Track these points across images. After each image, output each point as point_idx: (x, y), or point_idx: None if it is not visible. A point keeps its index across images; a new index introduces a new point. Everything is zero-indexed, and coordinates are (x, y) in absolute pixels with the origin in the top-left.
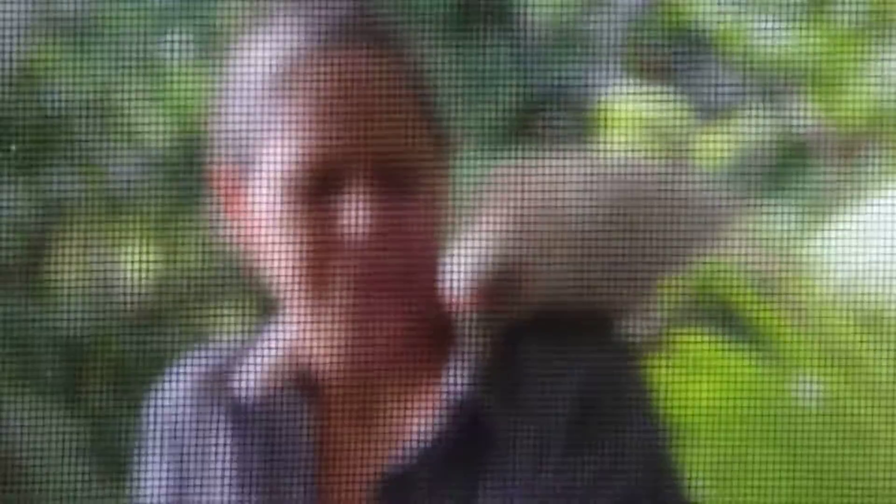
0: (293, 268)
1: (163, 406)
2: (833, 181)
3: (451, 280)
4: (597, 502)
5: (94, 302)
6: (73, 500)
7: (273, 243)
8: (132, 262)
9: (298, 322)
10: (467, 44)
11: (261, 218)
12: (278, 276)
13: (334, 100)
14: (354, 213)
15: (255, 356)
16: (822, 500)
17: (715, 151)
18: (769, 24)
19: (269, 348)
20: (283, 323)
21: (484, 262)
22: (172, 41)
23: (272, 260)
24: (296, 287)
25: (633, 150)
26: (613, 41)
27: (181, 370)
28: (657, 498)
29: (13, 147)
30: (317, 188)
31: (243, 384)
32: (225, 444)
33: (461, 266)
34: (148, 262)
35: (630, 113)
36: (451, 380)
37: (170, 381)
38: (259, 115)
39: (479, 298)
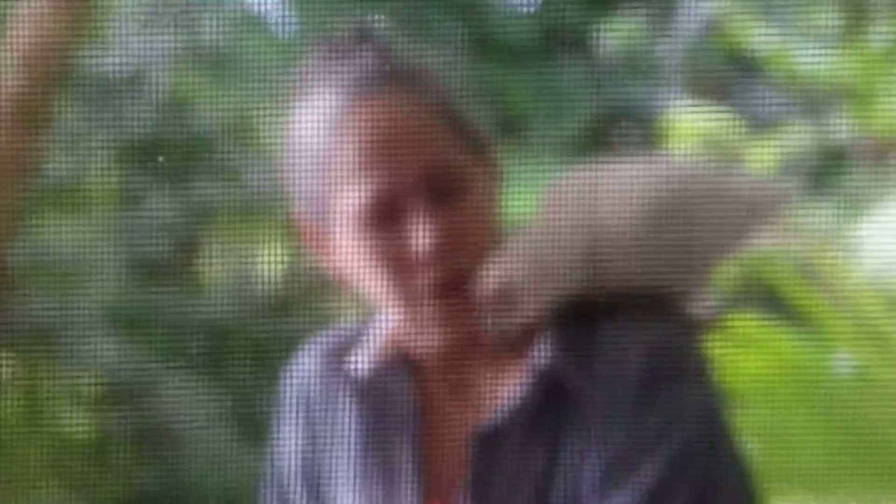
0: (382, 283)
1: (293, 380)
2: (867, 182)
3: (477, 285)
4: (660, 457)
5: (235, 292)
6: (218, 462)
7: (361, 268)
8: (266, 258)
9: (395, 317)
10: (549, 67)
11: (346, 251)
12: (371, 292)
13: (381, 142)
14: (419, 231)
15: (366, 338)
16: (855, 457)
17: (764, 159)
18: (811, 47)
19: (378, 332)
20: (386, 313)
21: (492, 276)
22: (298, 70)
23: (363, 281)
24: (387, 297)
25: (692, 159)
26: (675, 64)
27: (308, 350)
28: (713, 453)
29: (161, 158)
30: (384, 218)
31: (358, 361)
32: (344, 412)
33: (485, 273)
34: (279, 258)
35: (690, 127)
36: (534, 353)
37: (299, 359)
38: (322, 169)
39: (486, 306)
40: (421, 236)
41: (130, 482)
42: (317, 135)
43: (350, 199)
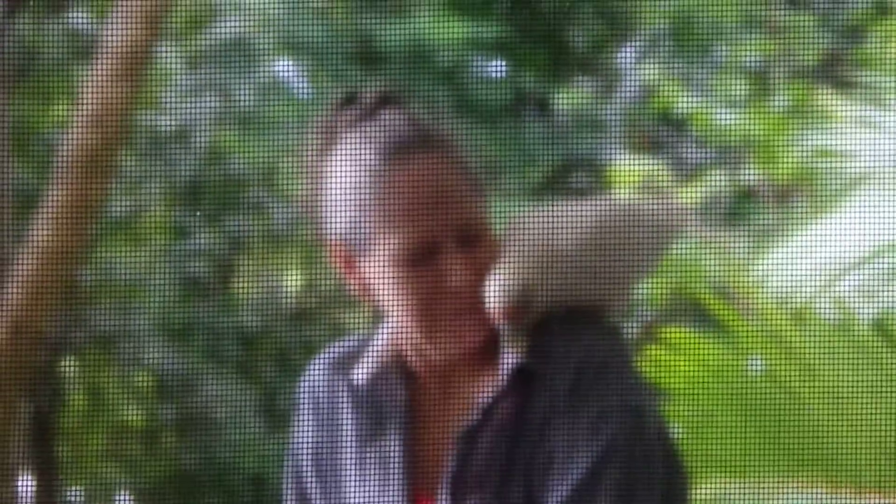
0: (406, 312)
1: (306, 386)
2: (772, 218)
3: (490, 301)
4: (591, 447)
5: (263, 307)
6: (247, 448)
7: (389, 296)
8: (289, 280)
9: (402, 333)
10: (518, 125)
11: (376, 280)
12: (391, 313)
13: (419, 197)
14: (450, 269)
15: (368, 349)
16: (765, 443)
17: (689, 199)
18: (725, 109)
19: (378, 344)
20: (387, 328)
21: (510, 289)
22: (322, 122)
23: (388, 304)
24: (406, 318)
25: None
26: (617, 123)
27: (318, 360)
28: (643, 442)
29: (198, 213)
30: (421, 258)
31: (360, 368)
32: (345, 415)
33: (495, 290)
34: (299, 280)
35: (629, 173)
36: (504, 363)
37: (310, 369)
38: (358, 215)
39: (509, 314)
40: (455, 274)
41: (176, 463)
42: (357, 185)
43: (392, 241)
